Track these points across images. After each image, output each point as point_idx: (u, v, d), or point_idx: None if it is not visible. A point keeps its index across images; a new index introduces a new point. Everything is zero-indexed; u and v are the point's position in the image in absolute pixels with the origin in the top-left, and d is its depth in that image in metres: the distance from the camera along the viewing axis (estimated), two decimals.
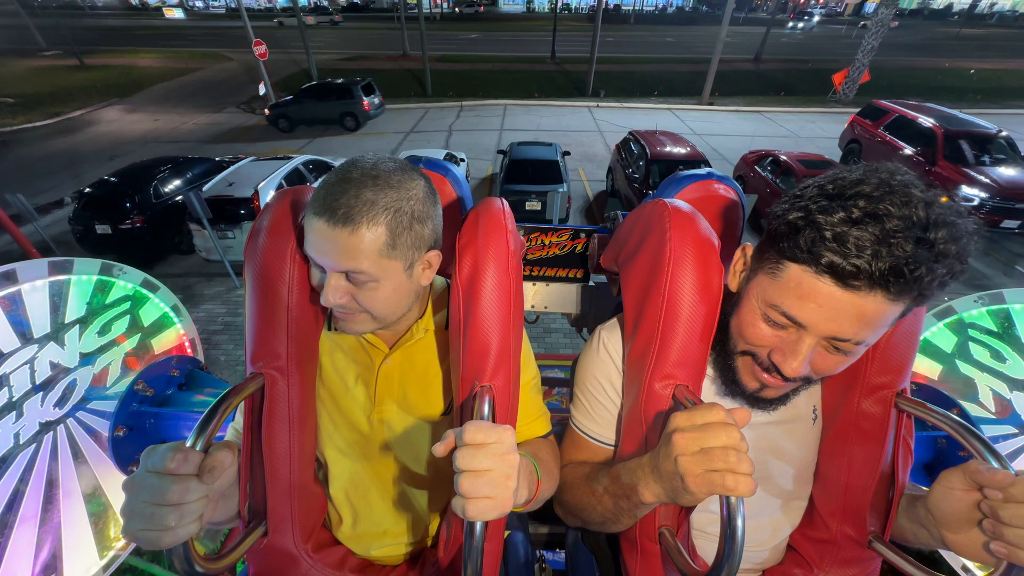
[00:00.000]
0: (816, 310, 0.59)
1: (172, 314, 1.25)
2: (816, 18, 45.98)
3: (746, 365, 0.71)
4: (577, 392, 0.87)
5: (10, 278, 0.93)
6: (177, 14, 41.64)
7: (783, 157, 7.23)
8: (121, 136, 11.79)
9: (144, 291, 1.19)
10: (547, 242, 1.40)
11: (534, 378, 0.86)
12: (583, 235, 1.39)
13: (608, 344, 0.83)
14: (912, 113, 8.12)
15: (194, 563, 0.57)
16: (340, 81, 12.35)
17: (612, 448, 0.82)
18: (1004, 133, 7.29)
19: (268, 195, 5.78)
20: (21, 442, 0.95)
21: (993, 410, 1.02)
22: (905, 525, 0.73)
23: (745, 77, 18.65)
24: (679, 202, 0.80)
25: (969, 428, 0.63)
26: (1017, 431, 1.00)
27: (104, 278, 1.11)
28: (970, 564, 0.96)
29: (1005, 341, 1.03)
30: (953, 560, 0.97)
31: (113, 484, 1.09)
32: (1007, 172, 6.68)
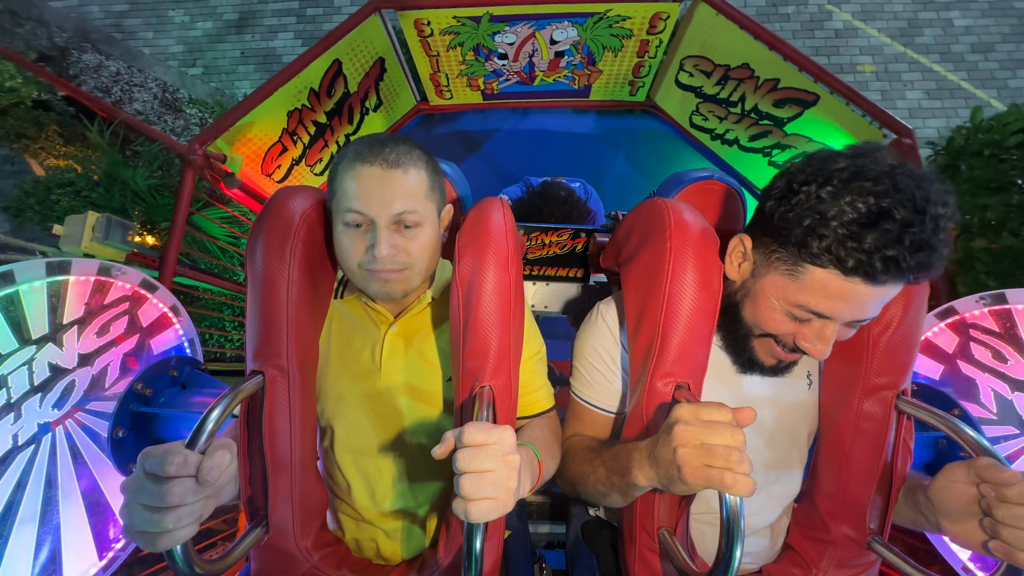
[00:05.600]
0: (844, 305, 0.62)
1: (171, 314, 1.24)
2: None
3: (764, 346, 0.73)
4: (576, 364, 0.89)
5: (8, 279, 0.93)
6: None
7: None
8: None
9: (143, 291, 1.19)
10: (547, 242, 1.39)
11: (538, 352, 0.88)
12: (583, 235, 1.39)
13: (606, 316, 0.87)
14: None
15: (193, 564, 0.56)
16: None
17: (611, 415, 0.85)
18: None
19: None
20: (20, 443, 0.94)
21: (994, 411, 1.02)
22: (904, 511, 0.74)
23: None
24: (678, 202, 0.80)
25: (967, 430, 0.63)
26: (1018, 432, 1.00)
27: (102, 279, 1.10)
28: (971, 565, 0.96)
29: (1007, 341, 1.03)
30: (954, 560, 0.97)
31: (112, 485, 1.09)
32: None
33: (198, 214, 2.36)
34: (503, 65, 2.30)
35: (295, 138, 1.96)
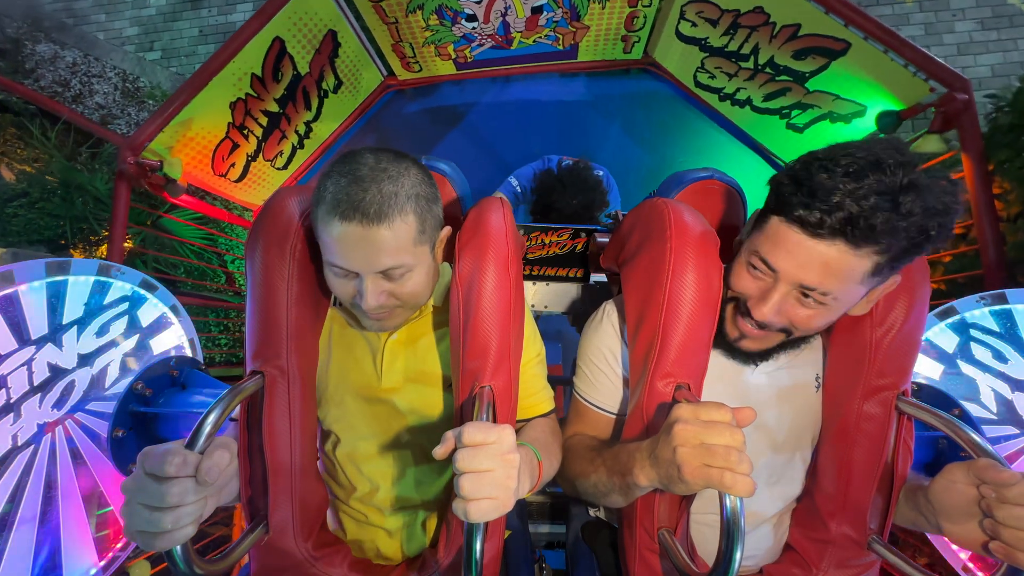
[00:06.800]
0: (786, 256, 0.62)
1: (171, 314, 1.24)
2: None
3: (731, 314, 0.75)
4: (580, 363, 0.89)
5: (7, 279, 0.93)
6: None
7: None
8: None
9: (142, 291, 1.18)
10: (547, 241, 1.39)
11: (538, 354, 0.88)
12: (583, 235, 1.39)
13: (611, 316, 0.87)
14: None
15: (193, 564, 0.56)
16: None
17: (613, 416, 0.85)
18: None
19: None
20: (19, 443, 0.94)
21: (995, 411, 1.02)
22: (905, 512, 0.74)
23: None
24: (678, 202, 0.80)
25: (967, 430, 0.63)
26: (1018, 432, 1.00)
27: (102, 279, 1.10)
28: (971, 564, 0.96)
29: (1007, 342, 1.03)
30: (954, 561, 0.97)
31: (112, 485, 1.09)
32: None
33: (167, 216, 2.22)
34: (473, 28, 1.97)
35: (245, 132, 1.75)
